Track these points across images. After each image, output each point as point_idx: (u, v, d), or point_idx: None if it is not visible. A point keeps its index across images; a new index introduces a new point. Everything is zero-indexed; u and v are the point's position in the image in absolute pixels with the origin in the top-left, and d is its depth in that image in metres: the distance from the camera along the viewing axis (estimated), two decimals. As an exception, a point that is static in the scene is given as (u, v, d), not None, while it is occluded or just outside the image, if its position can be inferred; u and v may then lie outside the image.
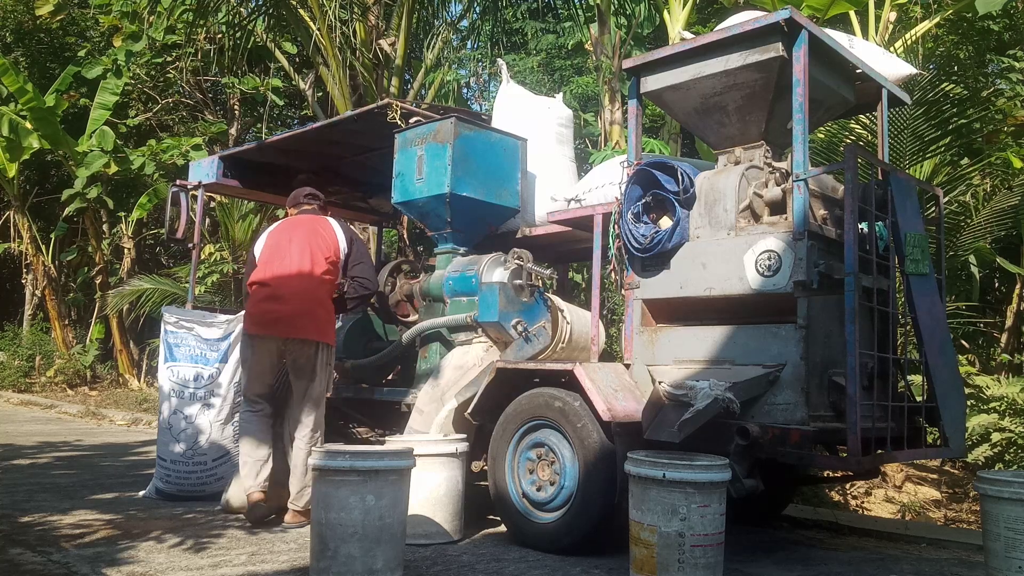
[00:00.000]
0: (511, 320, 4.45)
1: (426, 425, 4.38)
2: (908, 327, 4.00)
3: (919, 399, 3.93)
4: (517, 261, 4.53)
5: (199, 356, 5.18)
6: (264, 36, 10.81)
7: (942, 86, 6.69)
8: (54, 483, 5.45)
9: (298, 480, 4.29)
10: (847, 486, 5.63)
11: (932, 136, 6.60)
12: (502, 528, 4.21)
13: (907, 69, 4.41)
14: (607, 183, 4.47)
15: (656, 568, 3.06)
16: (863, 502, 5.61)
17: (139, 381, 13.70)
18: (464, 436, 4.12)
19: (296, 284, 4.34)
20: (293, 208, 4.75)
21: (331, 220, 4.65)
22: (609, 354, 6.21)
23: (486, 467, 4.15)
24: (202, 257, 11.00)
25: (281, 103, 14.26)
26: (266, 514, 4.27)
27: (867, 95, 4.25)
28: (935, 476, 6.10)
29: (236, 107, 14.19)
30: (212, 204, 11.65)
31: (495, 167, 4.80)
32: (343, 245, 4.54)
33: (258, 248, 4.54)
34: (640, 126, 4.22)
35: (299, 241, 4.44)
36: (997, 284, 9.73)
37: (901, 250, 3.65)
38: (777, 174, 3.77)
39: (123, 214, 13.78)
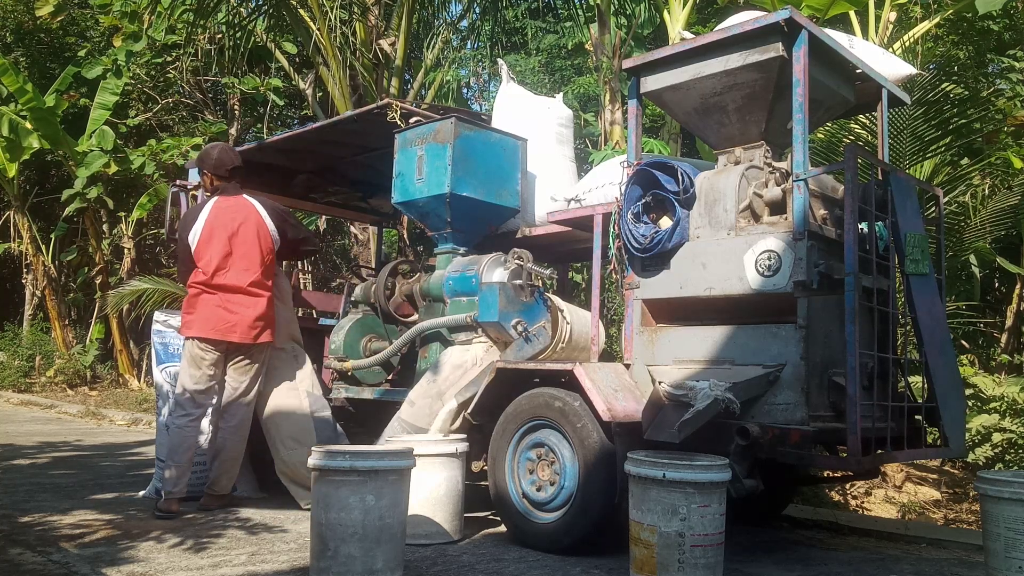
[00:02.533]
0: (511, 320, 4.44)
1: (415, 418, 4.37)
2: (908, 327, 4.00)
3: (919, 399, 3.93)
4: (517, 261, 4.53)
5: None
6: (264, 36, 10.81)
7: (942, 86, 6.69)
8: (54, 483, 5.45)
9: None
10: (847, 486, 5.63)
11: (932, 136, 6.60)
12: (502, 528, 4.21)
13: (907, 69, 4.41)
14: (607, 183, 4.46)
15: (656, 568, 3.06)
16: (863, 502, 5.61)
17: (139, 381, 13.69)
18: (464, 436, 4.12)
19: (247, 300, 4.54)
20: (218, 180, 4.73)
21: (255, 204, 4.68)
22: (609, 354, 6.21)
23: (486, 467, 4.15)
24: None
25: (281, 103, 14.23)
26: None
27: (867, 95, 4.25)
28: (935, 476, 6.10)
29: (236, 107, 14.17)
30: (212, 204, 11.62)
31: (495, 167, 4.80)
32: (275, 235, 4.67)
33: (192, 239, 4.56)
34: (640, 126, 4.22)
35: (240, 241, 4.55)
36: (997, 284, 9.75)
37: (901, 250, 3.65)
38: (777, 174, 3.77)
39: (123, 214, 13.77)
